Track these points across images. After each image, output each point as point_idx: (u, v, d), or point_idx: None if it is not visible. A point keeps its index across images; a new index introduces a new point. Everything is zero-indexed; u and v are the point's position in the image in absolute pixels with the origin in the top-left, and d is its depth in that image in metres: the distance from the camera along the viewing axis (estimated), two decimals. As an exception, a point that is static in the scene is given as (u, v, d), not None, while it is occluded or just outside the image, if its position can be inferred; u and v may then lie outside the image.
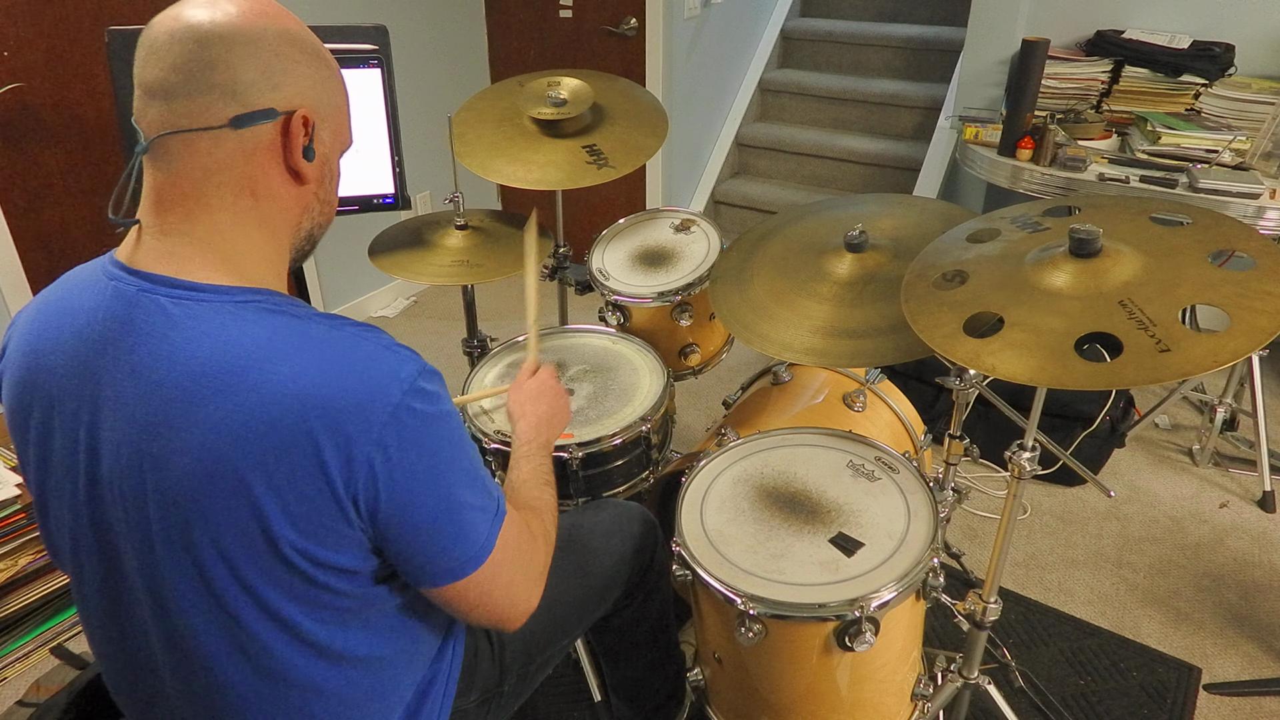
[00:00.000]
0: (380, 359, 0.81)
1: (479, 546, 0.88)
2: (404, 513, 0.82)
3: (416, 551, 0.85)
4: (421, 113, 3.36)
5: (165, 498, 0.79)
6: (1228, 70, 2.47)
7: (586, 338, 1.83)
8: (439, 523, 0.85)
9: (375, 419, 0.78)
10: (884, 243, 1.48)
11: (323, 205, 0.92)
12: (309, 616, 0.84)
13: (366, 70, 1.51)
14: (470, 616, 0.93)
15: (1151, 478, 2.42)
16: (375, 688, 0.94)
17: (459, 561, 0.87)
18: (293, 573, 0.81)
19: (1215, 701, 1.74)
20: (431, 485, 0.84)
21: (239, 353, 0.78)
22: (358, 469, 0.78)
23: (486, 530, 0.89)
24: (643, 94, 1.97)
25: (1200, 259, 1.06)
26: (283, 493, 0.78)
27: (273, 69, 0.81)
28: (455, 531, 0.86)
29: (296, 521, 0.79)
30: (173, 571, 0.82)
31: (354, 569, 0.84)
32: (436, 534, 0.85)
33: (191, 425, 0.77)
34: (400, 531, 0.83)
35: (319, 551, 0.81)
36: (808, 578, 1.19)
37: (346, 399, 0.77)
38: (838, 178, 3.88)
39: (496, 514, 0.91)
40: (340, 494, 0.79)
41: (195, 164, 0.80)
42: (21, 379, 0.87)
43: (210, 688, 0.87)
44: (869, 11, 4.26)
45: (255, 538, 0.79)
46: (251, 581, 0.81)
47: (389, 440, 0.79)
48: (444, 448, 0.85)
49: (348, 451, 0.78)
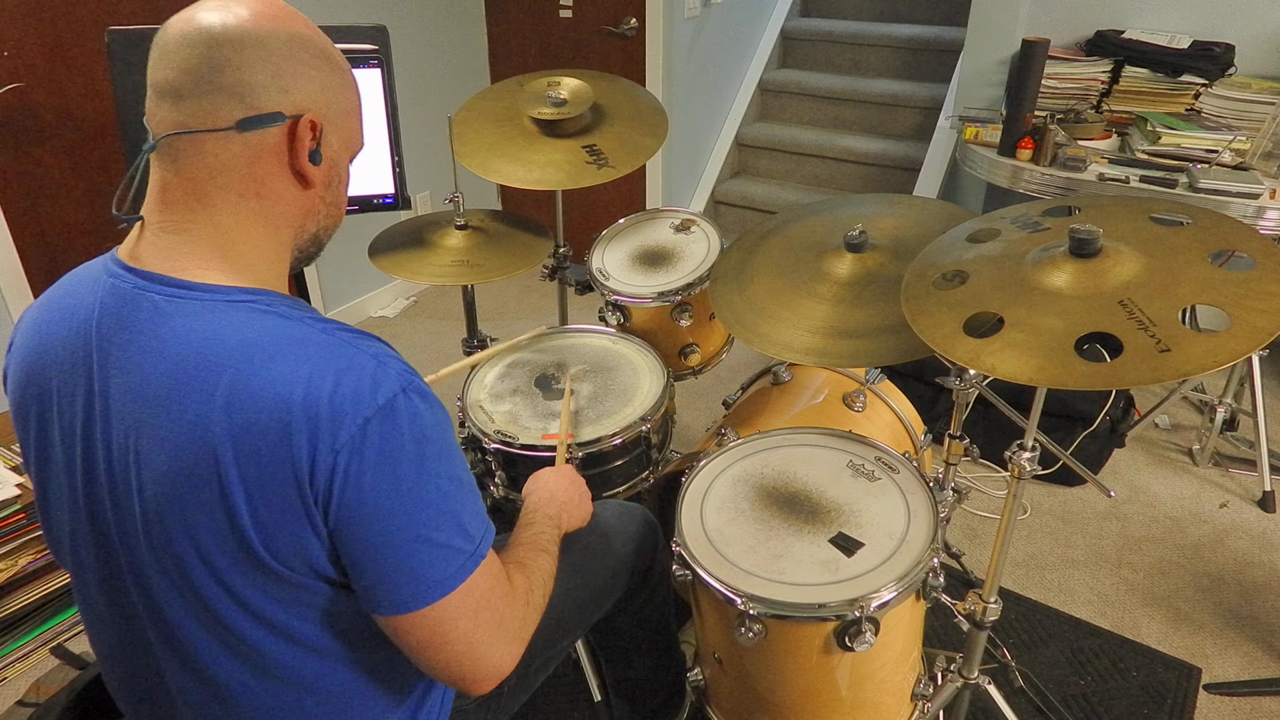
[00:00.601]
0: (365, 368, 0.79)
1: (434, 583, 0.82)
2: (355, 526, 0.79)
3: (363, 571, 0.81)
4: (421, 113, 3.36)
5: (148, 495, 0.79)
6: (1228, 70, 2.47)
7: (586, 338, 1.83)
8: (391, 548, 0.80)
9: (345, 425, 0.76)
10: (884, 243, 1.48)
11: (329, 208, 0.92)
12: (294, 615, 0.84)
13: (366, 70, 1.52)
14: (423, 660, 0.85)
15: (1151, 478, 2.42)
16: (371, 685, 0.93)
17: (407, 594, 0.81)
18: (268, 574, 0.80)
19: (1215, 701, 1.74)
20: (390, 506, 0.79)
21: (222, 351, 0.77)
22: (320, 472, 0.77)
23: (450, 569, 0.83)
24: (643, 94, 1.97)
25: (1200, 259, 1.06)
26: (254, 494, 0.77)
27: (282, 72, 0.81)
28: (408, 560, 0.81)
29: (266, 524, 0.78)
30: (157, 569, 0.82)
31: (326, 574, 0.83)
32: (387, 558, 0.80)
33: (171, 422, 0.77)
34: (349, 546, 0.80)
35: (289, 555, 0.80)
36: (808, 578, 1.19)
37: (322, 403, 0.76)
38: (838, 178, 3.88)
39: (471, 556, 0.84)
40: (308, 498, 0.77)
41: (201, 164, 0.81)
42: (24, 376, 0.88)
43: (206, 685, 0.87)
44: (869, 11, 4.26)
45: (229, 537, 0.78)
46: (230, 580, 0.81)
47: (353, 449, 0.77)
48: (414, 472, 0.80)
49: (314, 454, 0.76)
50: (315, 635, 0.86)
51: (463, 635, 0.85)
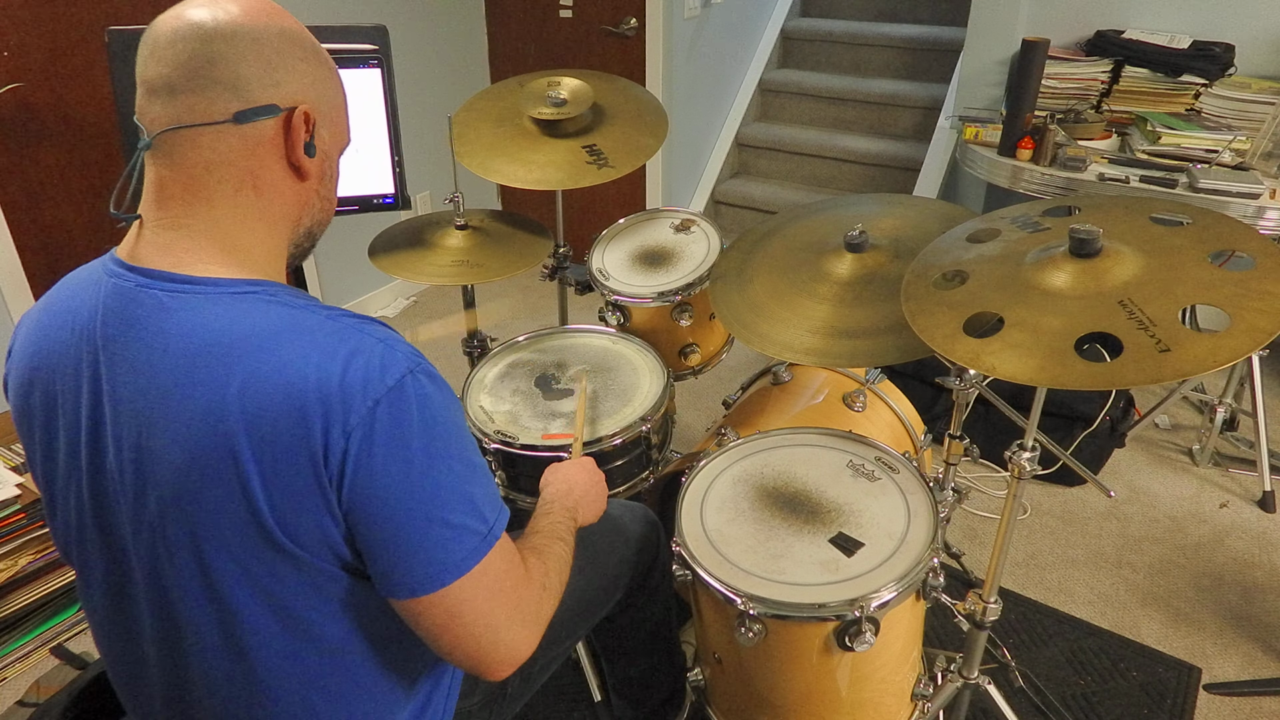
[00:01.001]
0: (373, 352, 0.80)
1: (449, 564, 0.82)
2: (368, 509, 0.79)
3: (379, 554, 0.81)
4: (421, 113, 3.36)
5: (165, 490, 0.79)
6: (1228, 70, 2.47)
7: (586, 338, 1.83)
8: (404, 529, 0.80)
9: (355, 408, 0.77)
10: (884, 243, 1.48)
11: (323, 203, 0.93)
12: (310, 608, 0.84)
13: (366, 70, 1.51)
14: (442, 644, 0.85)
15: (1151, 478, 2.42)
16: (379, 685, 0.94)
17: (422, 576, 0.82)
18: (288, 560, 0.81)
19: (1215, 701, 1.74)
20: (402, 488, 0.80)
21: (230, 341, 0.78)
22: (333, 455, 0.77)
23: (466, 551, 0.83)
24: (643, 94, 1.97)
25: (1200, 259, 1.06)
26: (271, 480, 0.77)
27: (274, 66, 0.82)
28: (423, 542, 0.81)
29: (285, 509, 0.79)
30: (174, 566, 0.82)
31: (344, 558, 0.84)
32: (401, 540, 0.81)
33: (183, 414, 0.77)
34: (364, 528, 0.80)
35: (309, 539, 0.80)
36: (808, 578, 1.19)
37: (333, 386, 0.77)
38: (838, 178, 3.88)
39: (486, 538, 0.85)
40: (324, 481, 0.78)
41: (198, 159, 0.81)
42: (26, 379, 0.88)
43: (208, 684, 0.87)
44: (869, 11, 4.26)
45: (249, 524, 0.79)
46: (249, 569, 0.81)
47: (364, 431, 0.77)
48: (424, 454, 0.80)
49: (327, 437, 0.77)
50: (329, 629, 0.87)
51: (480, 617, 0.85)
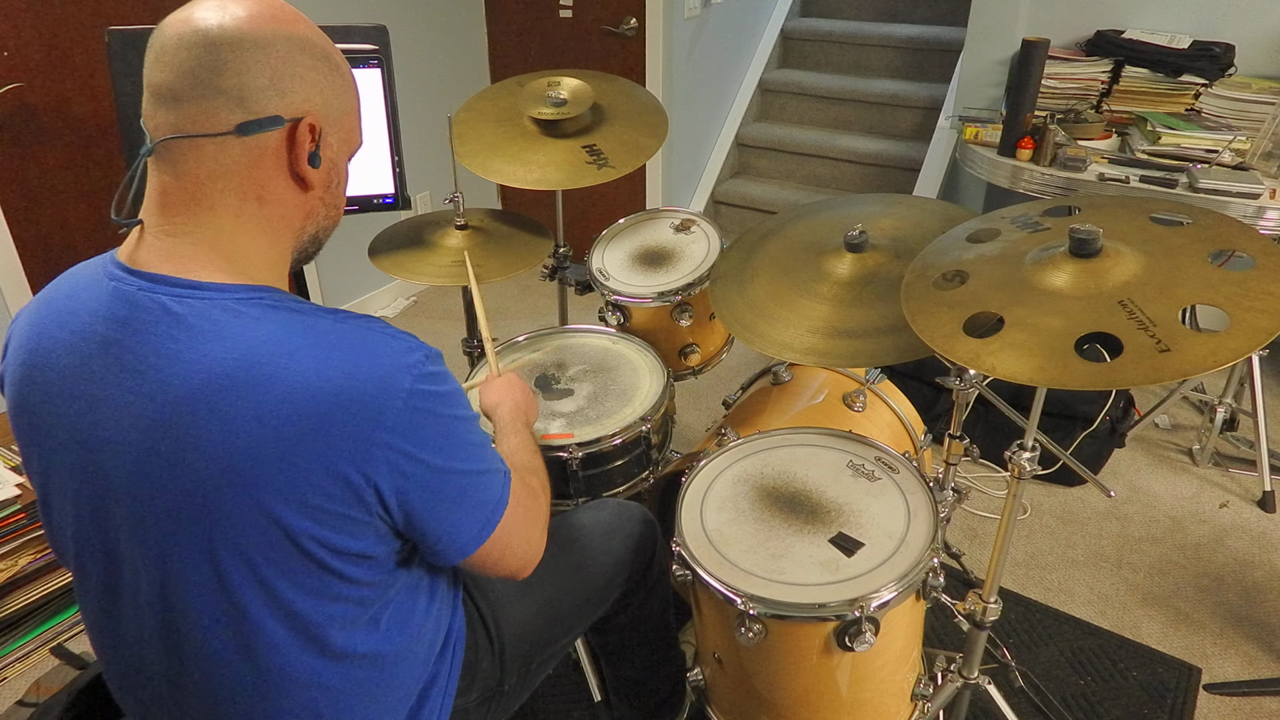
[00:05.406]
0: (387, 348, 0.83)
1: (495, 505, 0.94)
2: (434, 494, 0.86)
3: (447, 528, 0.89)
4: (421, 113, 3.36)
5: (179, 497, 0.79)
6: (1228, 70, 2.47)
7: (586, 338, 1.83)
8: (465, 494, 0.90)
9: (390, 407, 0.80)
10: (884, 243, 1.48)
11: (328, 209, 0.92)
12: (319, 611, 0.85)
13: (366, 70, 1.51)
14: (491, 571, 0.99)
15: (1151, 478, 2.42)
16: (377, 686, 0.94)
17: (479, 524, 0.93)
18: (310, 563, 0.82)
19: (1215, 701, 1.74)
20: (453, 462, 0.87)
21: (250, 351, 0.78)
22: (378, 459, 0.80)
23: (500, 490, 0.95)
24: (643, 94, 1.97)
25: (1200, 259, 1.06)
26: (300, 485, 0.78)
27: (281, 75, 0.81)
28: (478, 498, 0.92)
29: (314, 512, 0.80)
30: (184, 570, 0.82)
31: (373, 554, 0.86)
32: (462, 505, 0.90)
33: (209, 425, 0.77)
34: (431, 513, 0.87)
35: (337, 539, 0.82)
36: (808, 578, 1.19)
37: (360, 389, 0.79)
38: (838, 178, 3.88)
39: (506, 473, 0.97)
40: (357, 483, 0.80)
41: (200, 168, 0.81)
42: (23, 379, 0.87)
43: (210, 686, 0.87)
44: (869, 11, 4.26)
45: (273, 531, 0.79)
46: (266, 576, 0.81)
47: (407, 428, 0.82)
48: (457, 425, 0.88)
49: (365, 441, 0.79)
50: (334, 634, 0.87)
51: (521, 537, 1.00)
